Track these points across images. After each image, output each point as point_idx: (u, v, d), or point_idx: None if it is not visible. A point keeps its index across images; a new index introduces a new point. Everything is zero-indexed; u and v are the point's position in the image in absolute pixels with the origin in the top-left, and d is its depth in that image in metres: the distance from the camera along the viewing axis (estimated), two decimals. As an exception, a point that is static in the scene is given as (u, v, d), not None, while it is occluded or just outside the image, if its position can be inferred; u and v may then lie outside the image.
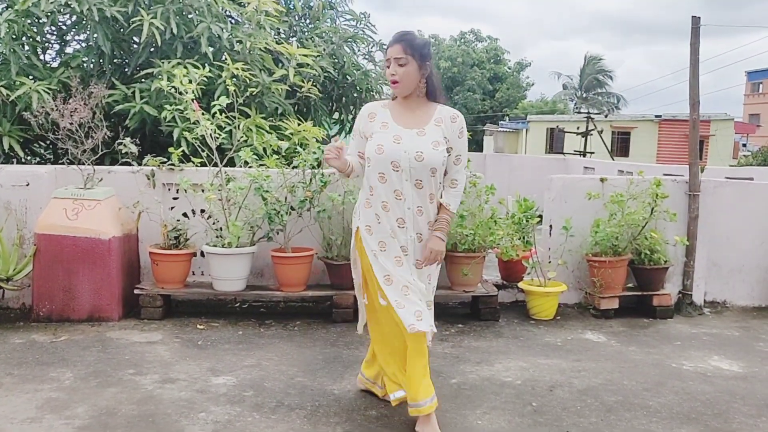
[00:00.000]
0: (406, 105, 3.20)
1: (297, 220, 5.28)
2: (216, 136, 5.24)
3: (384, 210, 3.13)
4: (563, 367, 4.29)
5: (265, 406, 3.53)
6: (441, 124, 3.17)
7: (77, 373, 3.91)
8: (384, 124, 3.16)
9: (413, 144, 3.09)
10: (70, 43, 7.50)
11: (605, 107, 44.79)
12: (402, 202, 3.11)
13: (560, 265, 5.59)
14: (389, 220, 3.13)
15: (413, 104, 3.20)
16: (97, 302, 4.91)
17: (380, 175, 3.11)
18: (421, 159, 3.06)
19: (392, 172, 3.08)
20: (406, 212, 3.12)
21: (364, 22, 9.52)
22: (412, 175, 3.08)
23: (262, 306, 5.56)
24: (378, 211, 3.15)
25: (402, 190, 3.10)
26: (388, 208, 3.12)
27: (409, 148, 3.08)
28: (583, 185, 5.74)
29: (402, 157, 3.07)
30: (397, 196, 3.11)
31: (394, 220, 3.13)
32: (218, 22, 6.74)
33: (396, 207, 3.12)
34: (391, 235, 3.13)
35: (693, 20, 5.96)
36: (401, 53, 3.07)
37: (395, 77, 3.09)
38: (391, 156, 3.07)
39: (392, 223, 3.13)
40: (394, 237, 3.14)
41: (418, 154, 3.07)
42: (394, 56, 3.08)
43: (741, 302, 6.05)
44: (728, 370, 4.35)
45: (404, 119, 3.17)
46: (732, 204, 5.99)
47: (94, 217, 4.88)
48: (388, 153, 3.07)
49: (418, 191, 3.11)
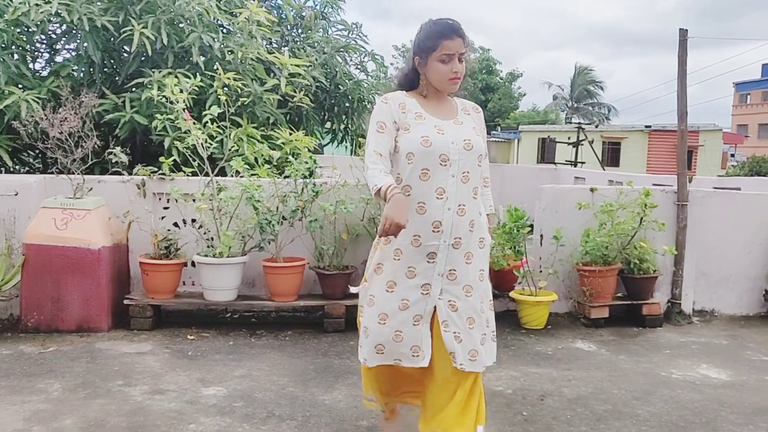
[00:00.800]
0: (435, 97, 2.81)
1: (289, 230, 5.28)
2: (207, 145, 5.24)
3: (419, 213, 2.66)
4: (554, 376, 4.30)
5: (256, 417, 3.52)
6: (469, 113, 2.87)
7: (65, 385, 3.89)
8: (418, 115, 2.73)
9: (458, 133, 2.71)
10: (60, 53, 7.49)
11: (596, 117, 45.05)
12: (444, 201, 2.66)
13: (551, 274, 5.61)
14: (423, 224, 2.66)
15: (437, 96, 2.81)
16: (86, 313, 4.88)
17: (423, 171, 2.65)
18: (470, 147, 2.69)
19: (439, 167, 2.65)
20: (445, 213, 2.65)
21: (356, 32, 9.55)
22: (460, 167, 2.67)
23: (253, 316, 5.55)
24: (411, 214, 2.64)
25: (445, 187, 2.66)
26: (425, 209, 2.66)
27: (456, 138, 2.69)
28: (574, 195, 5.77)
29: (450, 149, 2.66)
30: (439, 195, 2.66)
31: (430, 223, 2.66)
32: (210, 31, 6.75)
33: (434, 208, 2.66)
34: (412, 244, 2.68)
35: (680, 33, 6.02)
36: (464, 47, 2.70)
37: (458, 74, 2.70)
38: (440, 149, 2.65)
39: (426, 227, 2.66)
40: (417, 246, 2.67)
41: (466, 142, 2.69)
42: (459, 51, 2.68)
43: (729, 311, 6.08)
44: (716, 379, 4.37)
45: (436, 111, 2.78)
46: (720, 214, 6.04)
47: (83, 227, 4.86)
48: (437, 145, 2.65)
49: (462, 186, 2.68)
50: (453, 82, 2.71)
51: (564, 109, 50.61)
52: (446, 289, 2.69)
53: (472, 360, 2.70)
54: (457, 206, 2.67)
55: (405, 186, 2.67)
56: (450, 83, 2.71)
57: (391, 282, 2.70)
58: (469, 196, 2.71)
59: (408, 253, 2.68)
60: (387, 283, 2.71)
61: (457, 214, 2.67)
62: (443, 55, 2.66)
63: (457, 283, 2.70)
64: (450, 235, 2.67)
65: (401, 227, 2.37)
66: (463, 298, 2.71)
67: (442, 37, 2.67)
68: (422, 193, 2.66)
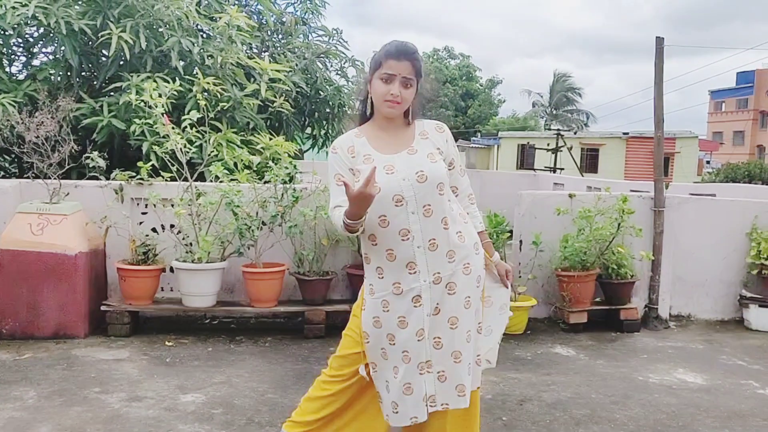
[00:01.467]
0: (384, 127, 2.65)
1: (268, 236, 5.26)
2: (186, 150, 5.21)
3: (389, 259, 2.52)
4: (533, 381, 4.32)
5: (235, 424, 3.50)
6: (427, 136, 2.65)
7: (41, 392, 3.83)
8: (367, 158, 2.57)
9: (409, 166, 2.52)
10: (37, 56, 7.43)
11: (574, 124, 45.49)
12: (410, 241, 2.49)
13: (530, 279, 5.64)
14: (399, 270, 2.52)
15: (395, 126, 2.65)
16: (63, 319, 4.83)
17: (381, 218, 2.49)
18: (424, 179, 2.50)
19: (395, 208, 2.48)
20: (416, 252, 2.49)
21: (336, 37, 9.58)
22: (418, 202, 2.49)
23: (232, 322, 5.51)
24: (382, 264, 2.54)
25: (408, 227, 2.49)
26: (394, 255, 2.51)
27: (407, 173, 2.51)
28: (553, 201, 5.81)
29: (403, 187, 2.48)
30: (404, 237, 2.49)
31: (404, 267, 2.51)
32: (189, 36, 6.72)
33: (403, 251, 2.50)
34: (394, 292, 2.52)
35: (657, 41, 6.10)
36: (411, 73, 2.54)
37: (398, 98, 2.52)
38: (392, 191, 2.48)
39: (402, 272, 2.52)
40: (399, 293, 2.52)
41: (419, 175, 2.50)
42: (402, 74, 2.52)
43: (705, 316, 6.16)
44: (693, 383, 4.42)
45: (386, 145, 2.61)
46: (696, 220, 6.12)
47: (60, 232, 4.81)
48: (387, 188, 2.47)
49: (427, 220, 2.51)
50: (389, 105, 2.53)
51: (543, 116, 51.00)
52: (432, 326, 2.53)
53: (460, 396, 2.56)
54: (427, 242, 2.51)
55: (370, 235, 2.54)
56: (385, 105, 2.54)
57: (390, 335, 2.55)
58: (438, 228, 2.53)
59: (393, 303, 2.53)
60: (387, 336, 2.56)
61: (429, 250, 2.51)
62: (384, 73, 2.52)
63: (441, 318, 2.54)
64: (428, 272, 2.51)
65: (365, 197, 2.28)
66: (448, 332, 2.55)
67: (388, 55, 2.54)
68: (387, 240, 2.51)
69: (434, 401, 2.53)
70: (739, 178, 26.48)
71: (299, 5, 9.65)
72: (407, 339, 2.52)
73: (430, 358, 2.52)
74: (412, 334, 2.52)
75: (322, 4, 9.74)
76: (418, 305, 2.51)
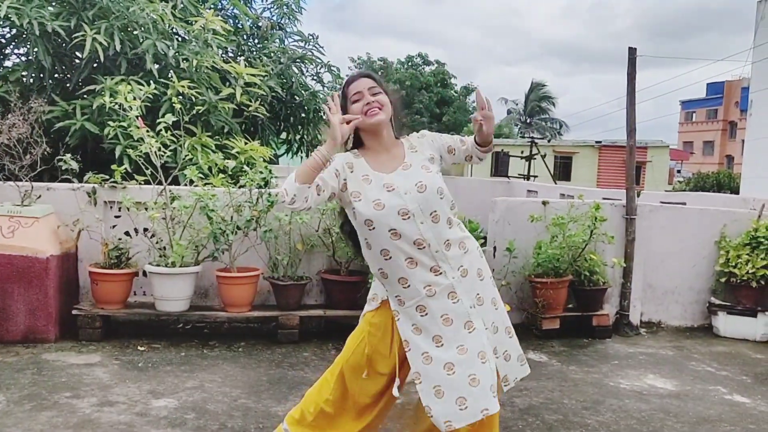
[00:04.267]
0: (378, 148, 2.76)
1: (243, 240, 5.24)
2: (161, 153, 5.18)
3: (411, 267, 2.60)
4: (506, 386, 4.35)
5: (208, 429, 3.48)
6: (416, 149, 2.78)
7: (10, 397, 3.77)
8: (365, 178, 2.68)
9: (407, 181, 2.64)
10: (10, 57, 7.33)
11: (548, 132, 45.95)
12: (427, 248, 2.59)
13: (504, 286, 5.68)
14: (425, 275, 2.60)
15: (386, 144, 2.77)
16: (33, 323, 4.76)
17: (392, 231, 2.58)
18: (424, 188, 2.61)
19: (402, 222, 2.58)
20: (437, 256, 2.60)
21: (312, 43, 9.58)
22: (424, 211, 2.60)
23: (206, 327, 5.48)
24: (404, 273, 2.61)
25: (422, 236, 2.59)
26: (416, 263, 2.60)
27: (407, 187, 2.62)
28: (526, 208, 5.87)
29: (407, 201, 2.59)
30: (419, 246, 2.59)
31: (429, 271, 2.60)
32: (164, 39, 6.68)
33: (424, 258, 2.60)
34: (427, 294, 2.59)
35: (630, 51, 6.21)
36: (372, 83, 2.72)
37: (374, 104, 2.67)
38: (396, 206, 2.58)
39: (429, 276, 2.60)
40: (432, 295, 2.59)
41: (419, 185, 2.62)
42: (366, 87, 2.69)
43: (675, 323, 6.26)
44: (663, 389, 4.49)
45: (382, 165, 2.72)
46: (666, 227, 6.22)
47: (31, 235, 4.74)
48: (391, 204, 2.58)
49: (437, 226, 2.62)
50: (370, 113, 2.66)
51: (518, 124, 51.42)
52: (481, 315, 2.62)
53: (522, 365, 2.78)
54: (444, 244, 2.62)
55: (382, 250, 2.61)
56: (368, 117, 2.65)
57: (437, 336, 2.58)
58: (445, 229, 2.64)
59: (430, 305, 2.59)
60: (434, 338, 2.58)
61: (445, 251, 2.62)
62: (353, 96, 2.68)
63: (486, 305, 2.66)
64: (452, 269, 2.61)
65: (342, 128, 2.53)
66: (495, 314, 2.70)
67: (347, 84, 2.74)
68: (404, 251, 2.59)
69: (507, 380, 2.70)
70: (709, 187, 26.98)
71: (275, 10, 9.65)
72: (457, 334, 2.57)
73: (494, 346, 2.64)
74: (460, 328, 2.58)
75: (299, 9, 9.75)
76: (456, 301, 2.60)
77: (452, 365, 2.54)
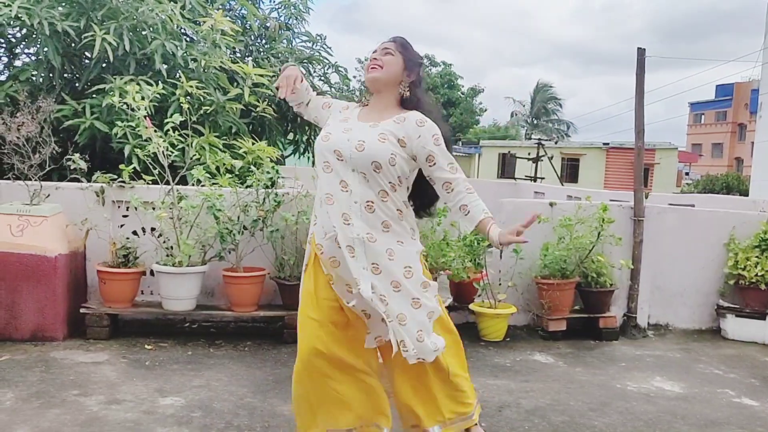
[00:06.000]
0: (374, 104, 2.94)
1: (249, 240, 5.25)
2: (168, 153, 5.20)
3: (328, 203, 2.79)
4: (512, 387, 4.35)
5: (214, 428, 3.49)
6: (401, 122, 2.84)
7: (19, 394, 3.79)
8: (346, 118, 2.94)
9: (359, 134, 2.80)
10: (20, 57, 7.36)
11: (555, 134, 45.86)
12: (348, 194, 2.76)
13: (510, 287, 5.67)
14: (334, 215, 2.76)
15: (382, 105, 2.92)
16: (41, 321, 4.78)
17: (325, 163, 2.82)
18: (362, 149, 2.74)
19: (336, 161, 2.78)
20: (352, 206, 2.74)
21: (320, 43, 9.59)
22: (356, 166, 2.76)
23: (212, 326, 5.49)
24: (322, 206, 2.83)
25: (347, 181, 2.76)
26: (333, 200, 2.78)
27: (354, 138, 2.79)
28: (533, 209, 5.85)
29: (344, 147, 2.77)
30: (343, 187, 2.77)
31: (339, 215, 2.75)
32: (173, 39, 6.70)
33: (342, 199, 2.76)
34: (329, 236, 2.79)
35: (638, 52, 6.18)
36: (391, 46, 2.90)
37: (377, 62, 2.86)
38: (335, 144, 2.80)
39: (336, 219, 2.76)
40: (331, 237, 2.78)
41: (359, 143, 2.76)
42: (382, 46, 2.90)
43: (682, 325, 6.23)
44: (670, 391, 4.47)
45: (365, 115, 2.93)
46: (674, 229, 6.19)
47: (40, 233, 4.77)
48: (333, 141, 2.82)
49: (366, 184, 2.76)
50: (371, 68, 2.87)
51: (524, 125, 51.36)
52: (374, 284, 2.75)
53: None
54: (365, 202, 2.76)
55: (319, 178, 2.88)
56: (368, 71, 2.88)
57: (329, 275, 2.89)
58: (377, 197, 2.77)
59: (327, 246, 2.80)
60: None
61: (364, 210, 2.76)
62: (373, 53, 2.91)
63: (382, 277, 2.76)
64: (360, 229, 2.75)
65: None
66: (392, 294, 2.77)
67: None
68: (328, 185, 2.80)
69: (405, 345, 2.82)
70: (718, 189, 26.90)
71: (283, 11, 9.66)
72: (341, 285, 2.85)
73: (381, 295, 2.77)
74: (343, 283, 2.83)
75: (306, 10, 9.76)
76: (352, 256, 2.74)
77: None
